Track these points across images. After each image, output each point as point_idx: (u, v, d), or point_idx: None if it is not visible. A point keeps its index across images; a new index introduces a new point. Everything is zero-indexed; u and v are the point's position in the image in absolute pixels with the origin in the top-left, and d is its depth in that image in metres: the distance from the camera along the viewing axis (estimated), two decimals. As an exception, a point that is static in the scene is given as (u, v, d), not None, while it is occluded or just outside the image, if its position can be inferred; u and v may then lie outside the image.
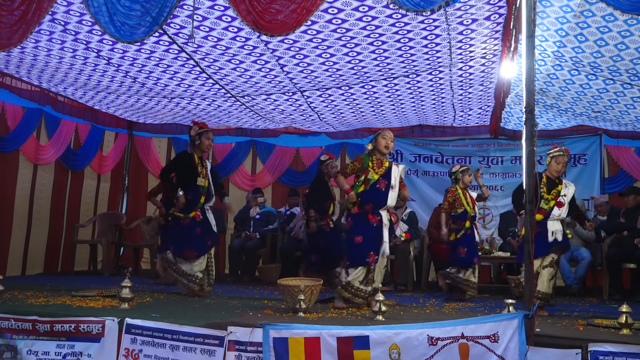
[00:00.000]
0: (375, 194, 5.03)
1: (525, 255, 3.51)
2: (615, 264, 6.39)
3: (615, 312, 4.18)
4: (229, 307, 4.76)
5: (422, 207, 8.22)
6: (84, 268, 8.14)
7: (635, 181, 7.76)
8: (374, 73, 5.65)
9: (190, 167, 5.61)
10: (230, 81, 6.01)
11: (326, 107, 6.97)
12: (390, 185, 5.09)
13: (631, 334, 3.67)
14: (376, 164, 5.10)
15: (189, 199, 5.53)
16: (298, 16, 3.88)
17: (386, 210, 5.11)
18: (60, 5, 4.31)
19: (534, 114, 3.49)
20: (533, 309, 3.38)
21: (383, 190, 5.05)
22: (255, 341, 3.68)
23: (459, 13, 4.27)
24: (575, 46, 4.74)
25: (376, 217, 5.02)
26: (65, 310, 4.26)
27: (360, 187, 5.04)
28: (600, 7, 4.02)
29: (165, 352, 3.85)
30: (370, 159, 5.11)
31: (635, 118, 6.62)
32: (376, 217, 5.02)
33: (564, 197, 5.08)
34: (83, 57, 5.40)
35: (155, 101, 7.06)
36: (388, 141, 5.13)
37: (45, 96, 6.93)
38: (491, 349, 3.41)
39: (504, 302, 3.95)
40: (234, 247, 7.60)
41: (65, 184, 8.00)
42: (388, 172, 5.12)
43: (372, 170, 5.07)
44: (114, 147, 8.87)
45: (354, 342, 3.54)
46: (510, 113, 7.05)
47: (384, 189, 5.05)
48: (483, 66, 5.42)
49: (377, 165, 5.10)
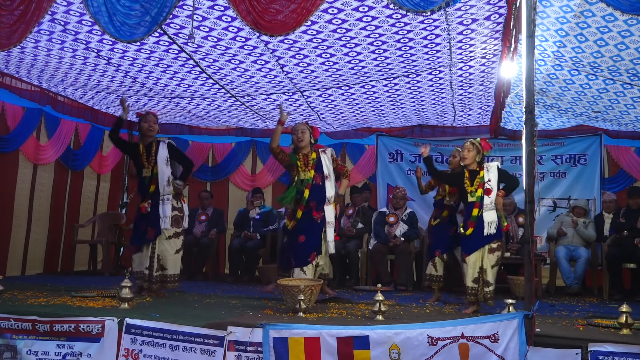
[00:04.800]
0: (314, 190, 5.08)
1: (526, 255, 3.51)
2: (615, 264, 6.39)
3: (615, 312, 4.18)
4: (229, 307, 4.76)
5: (422, 207, 8.20)
6: (84, 268, 8.15)
7: (635, 181, 7.75)
8: (374, 73, 5.65)
9: (134, 158, 5.58)
10: (230, 81, 6.01)
11: (326, 107, 6.97)
12: (325, 175, 5.13)
13: (631, 334, 3.67)
14: (303, 160, 5.16)
15: (140, 190, 5.50)
16: (298, 16, 3.88)
17: (331, 204, 5.13)
18: (60, 5, 4.31)
19: (534, 114, 3.49)
20: (533, 309, 3.38)
21: (320, 184, 5.09)
22: (255, 341, 3.68)
23: (459, 13, 4.27)
24: (575, 46, 4.74)
25: (320, 213, 5.06)
26: (65, 310, 4.26)
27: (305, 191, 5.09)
28: (600, 7, 4.02)
29: (165, 352, 3.85)
30: (296, 157, 5.17)
31: (635, 118, 6.62)
32: (320, 213, 5.06)
33: (489, 183, 4.92)
34: (83, 57, 5.40)
35: (155, 101, 7.06)
36: (298, 134, 5.21)
37: (45, 96, 6.93)
38: (491, 349, 3.41)
39: (504, 302, 3.95)
40: (234, 247, 7.60)
41: (65, 184, 8.00)
42: (318, 163, 5.15)
43: (301, 169, 5.13)
44: (114, 147, 8.82)
45: (354, 342, 3.54)
46: (510, 113, 7.05)
47: (320, 182, 5.09)
48: (483, 66, 5.42)
49: (304, 162, 5.15)
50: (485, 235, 4.80)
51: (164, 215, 5.36)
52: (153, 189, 5.41)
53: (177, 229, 5.44)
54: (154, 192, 5.41)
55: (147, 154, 5.49)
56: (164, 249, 5.38)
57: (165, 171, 5.43)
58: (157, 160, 5.43)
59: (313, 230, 5.08)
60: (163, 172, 5.42)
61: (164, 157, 5.45)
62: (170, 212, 5.39)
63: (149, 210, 5.38)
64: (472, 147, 5.04)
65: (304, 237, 5.03)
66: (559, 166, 8.18)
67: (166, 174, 5.44)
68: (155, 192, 5.41)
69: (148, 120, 5.55)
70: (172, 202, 5.44)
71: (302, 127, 5.27)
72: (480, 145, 5.05)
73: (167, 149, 5.51)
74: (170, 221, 5.37)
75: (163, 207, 5.38)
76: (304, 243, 5.04)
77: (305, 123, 5.40)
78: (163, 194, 5.41)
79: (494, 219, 4.84)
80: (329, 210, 5.12)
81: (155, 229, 5.34)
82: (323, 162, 5.14)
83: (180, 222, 5.49)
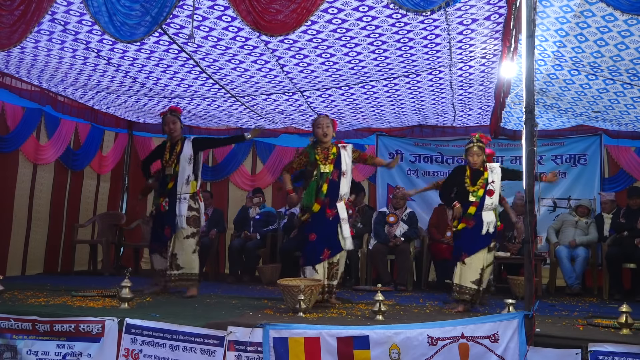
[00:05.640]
0: (330, 186, 4.97)
1: (526, 255, 3.51)
2: (615, 264, 6.39)
3: (615, 312, 4.18)
4: (229, 307, 4.76)
5: (422, 207, 8.21)
6: (84, 268, 8.14)
7: (635, 181, 7.75)
8: (374, 73, 5.65)
9: (158, 155, 5.61)
10: (230, 81, 6.01)
11: (326, 107, 6.97)
12: (342, 172, 5.02)
13: (631, 334, 3.67)
14: (322, 154, 5.02)
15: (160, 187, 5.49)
16: (298, 16, 3.88)
17: (342, 201, 5.04)
18: (60, 5, 4.31)
19: (534, 114, 3.49)
20: (533, 309, 3.38)
21: (337, 180, 4.99)
22: (255, 341, 3.68)
23: (459, 13, 4.27)
24: (575, 46, 4.74)
25: (333, 211, 4.97)
26: (65, 310, 4.26)
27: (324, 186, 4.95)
28: (600, 7, 4.02)
29: (165, 352, 3.85)
30: (314, 151, 5.03)
31: (635, 118, 6.62)
32: (333, 210, 4.97)
33: (493, 184, 4.97)
34: (83, 57, 5.40)
35: (155, 101, 7.06)
36: (324, 128, 5.05)
37: (45, 96, 6.93)
38: (491, 349, 3.41)
39: (504, 302, 3.95)
40: (234, 247, 7.60)
41: (65, 184, 7.99)
42: (338, 159, 5.04)
43: (321, 162, 4.98)
44: (113, 147, 8.86)
45: (354, 342, 3.54)
46: (510, 113, 7.05)
47: (337, 179, 4.99)
48: (483, 66, 5.42)
49: (323, 155, 5.01)
50: (483, 234, 4.85)
51: (180, 214, 5.32)
52: (171, 186, 5.39)
53: (194, 228, 5.40)
54: (172, 190, 5.38)
55: (171, 152, 5.48)
56: (180, 248, 5.34)
57: (186, 169, 5.37)
58: (180, 158, 5.40)
59: (325, 228, 4.95)
60: (184, 169, 5.36)
61: (187, 156, 5.40)
62: (186, 211, 5.33)
63: (167, 208, 5.37)
64: (481, 152, 5.08)
65: (315, 234, 4.93)
66: (559, 166, 8.17)
67: (186, 172, 5.37)
68: (173, 190, 5.37)
69: (167, 122, 5.53)
70: (190, 202, 5.38)
71: (327, 121, 5.11)
72: (483, 143, 5.10)
73: (192, 145, 5.46)
74: (187, 220, 5.33)
75: (179, 206, 5.33)
76: (316, 241, 4.92)
77: (326, 116, 5.24)
78: (180, 192, 5.36)
79: (492, 219, 4.94)
80: (341, 207, 5.01)
81: (171, 228, 5.33)
82: (342, 158, 5.03)
83: (198, 222, 5.47)
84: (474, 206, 4.94)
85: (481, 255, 4.87)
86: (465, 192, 5.04)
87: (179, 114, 5.69)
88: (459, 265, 4.93)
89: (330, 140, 5.13)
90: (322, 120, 5.12)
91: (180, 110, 5.80)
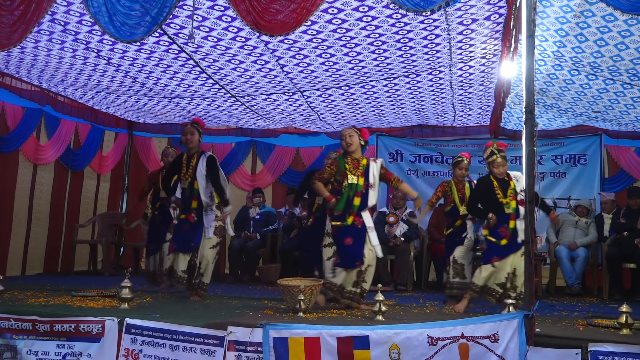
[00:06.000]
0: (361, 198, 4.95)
1: (526, 255, 3.51)
2: (615, 264, 6.39)
3: (615, 312, 4.18)
4: (229, 307, 4.76)
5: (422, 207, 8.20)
6: (83, 268, 8.14)
7: (635, 181, 7.75)
8: (374, 73, 5.65)
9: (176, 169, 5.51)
10: (230, 81, 6.01)
11: (326, 107, 6.97)
12: (370, 184, 5.00)
13: (631, 334, 3.67)
14: (352, 164, 5.00)
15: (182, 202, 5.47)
16: (298, 16, 3.88)
17: (367, 210, 5.03)
18: (60, 5, 4.31)
19: (534, 114, 3.49)
20: (533, 309, 3.38)
21: (365, 192, 4.97)
22: (255, 341, 3.68)
23: (459, 13, 4.27)
24: (575, 46, 4.74)
25: (359, 220, 4.93)
26: (65, 310, 4.26)
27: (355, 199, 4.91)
28: (600, 7, 4.02)
29: (165, 352, 3.85)
30: (345, 161, 5.01)
31: (635, 118, 6.62)
32: (359, 219, 4.94)
33: (522, 193, 4.90)
34: (83, 57, 5.40)
35: (155, 101, 7.06)
36: (346, 138, 5.02)
37: (45, 96, 6.93)
38: (491, 349, 3.41)
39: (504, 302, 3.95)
40: (234, 247, 7.60)
41: (65, 184, 8.00)
42: (367, 171, 5.02)
43: (350, 172, 4.95)
44: (113, 147, 8.86)
45: (354, 342, 3.54)
46: (510, 113, 7.05)
47: (365, 190, 4.97)
48: (483, 66, 5.42)
49: (353, 166, 4.99)
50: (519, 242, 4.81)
51: (209, 225, 5.34)
52: (196, 205, 5.36)
53: (219, 238, 5.43)
54: (197, 208, 5.37)
55: (187, 166, 5.42)
56: (206, 256, 5.34)
57: (205, 187, 5.36)
58: (197, 175, 5.35)
59: (356, 235, 4.91)
60: (203, 188, 5.34)
61: (202, 173, 5.36)
62: (214, 221, 5.36)
63: (196, 219, 5.35)
64: (504, 161, 5.07)
65: (351, 239, 4.87)
66: (559, 166, 8.18)
67: (208, 190, 5.38)
68: (199, 207, 5.36)
69: (185, 132, 5.47)
70: (216, 212, 5.40)
71: (350, 131, 5.07)
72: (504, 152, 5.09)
73: (206, 164, 5.39)
74: (214, 230, 5.35)
75: (207, 217, 5.36)
76: (353, 244, 4.86)
77: (352, 127, 5.19)
78: (206, 207, 5.37)
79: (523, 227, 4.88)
80: (367, 216, 5.00)
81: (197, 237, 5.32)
82: (371, 170, 5.01)
83: (223, 233, 5.49)
84: (512, 219, 4.90)
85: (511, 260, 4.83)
86: (497, 204, 4.97)
87: (201, 126, 5.58)
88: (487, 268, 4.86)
89: (358, 150, 5.08)
90: (343, 131, 5.11)
91: (203, 123, 5.67)
